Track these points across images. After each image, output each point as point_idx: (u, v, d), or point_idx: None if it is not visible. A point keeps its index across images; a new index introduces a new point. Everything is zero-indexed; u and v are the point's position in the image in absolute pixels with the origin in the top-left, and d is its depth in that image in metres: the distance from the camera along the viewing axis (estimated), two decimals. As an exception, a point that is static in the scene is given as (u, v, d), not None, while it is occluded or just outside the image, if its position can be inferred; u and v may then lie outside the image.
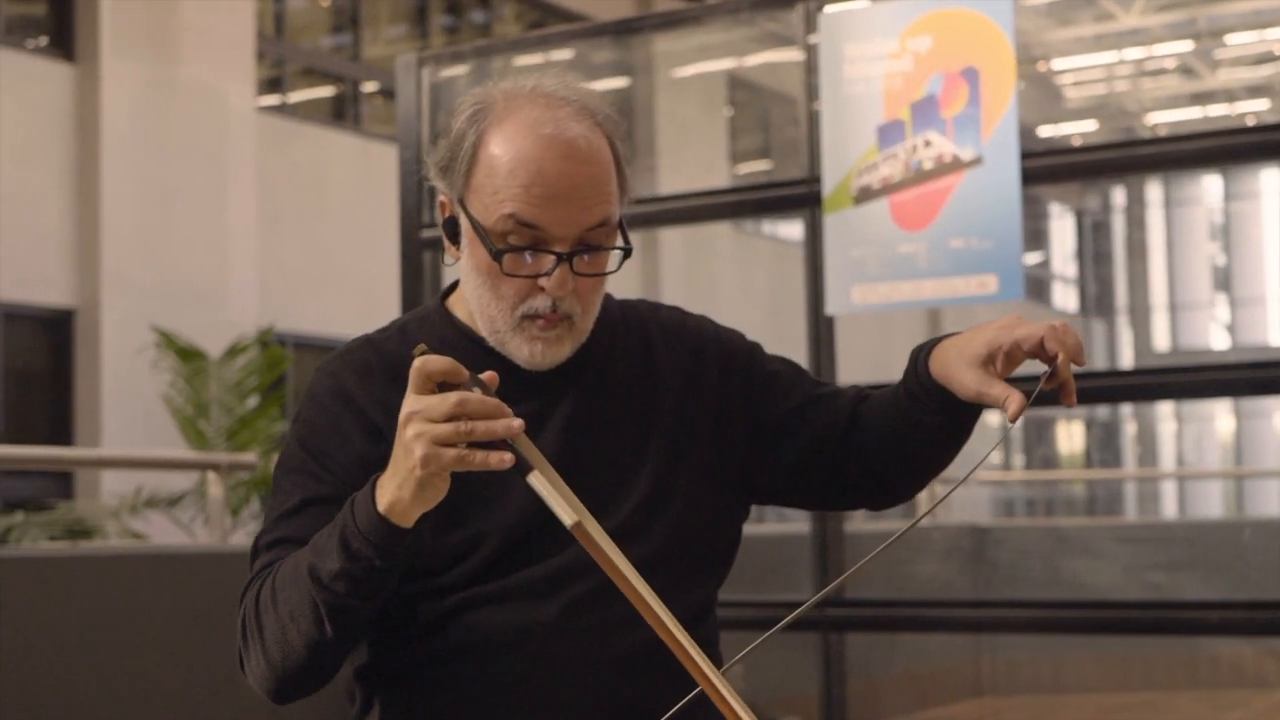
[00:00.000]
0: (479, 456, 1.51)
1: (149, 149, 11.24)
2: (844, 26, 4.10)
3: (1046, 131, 19.91)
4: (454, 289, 1.88)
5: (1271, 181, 22.34)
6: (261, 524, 1.80)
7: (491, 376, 1.57)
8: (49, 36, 11.32)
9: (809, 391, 1.91)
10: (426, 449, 1.51)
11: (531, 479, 1.51)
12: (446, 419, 1.51)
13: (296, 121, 13.17)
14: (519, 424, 1.52)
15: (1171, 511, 20.08)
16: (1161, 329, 23.77)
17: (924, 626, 4.84)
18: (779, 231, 17.62)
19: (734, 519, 1.90)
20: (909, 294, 4.01)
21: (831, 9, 4.12)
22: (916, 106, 3.99)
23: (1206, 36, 18.04)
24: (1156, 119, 19.94)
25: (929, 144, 3.96)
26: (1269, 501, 17.14)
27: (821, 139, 4.10)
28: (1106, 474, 21.14)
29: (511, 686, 1.73)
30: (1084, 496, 18.95)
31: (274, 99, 13.20)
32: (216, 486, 4.97)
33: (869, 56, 4.04)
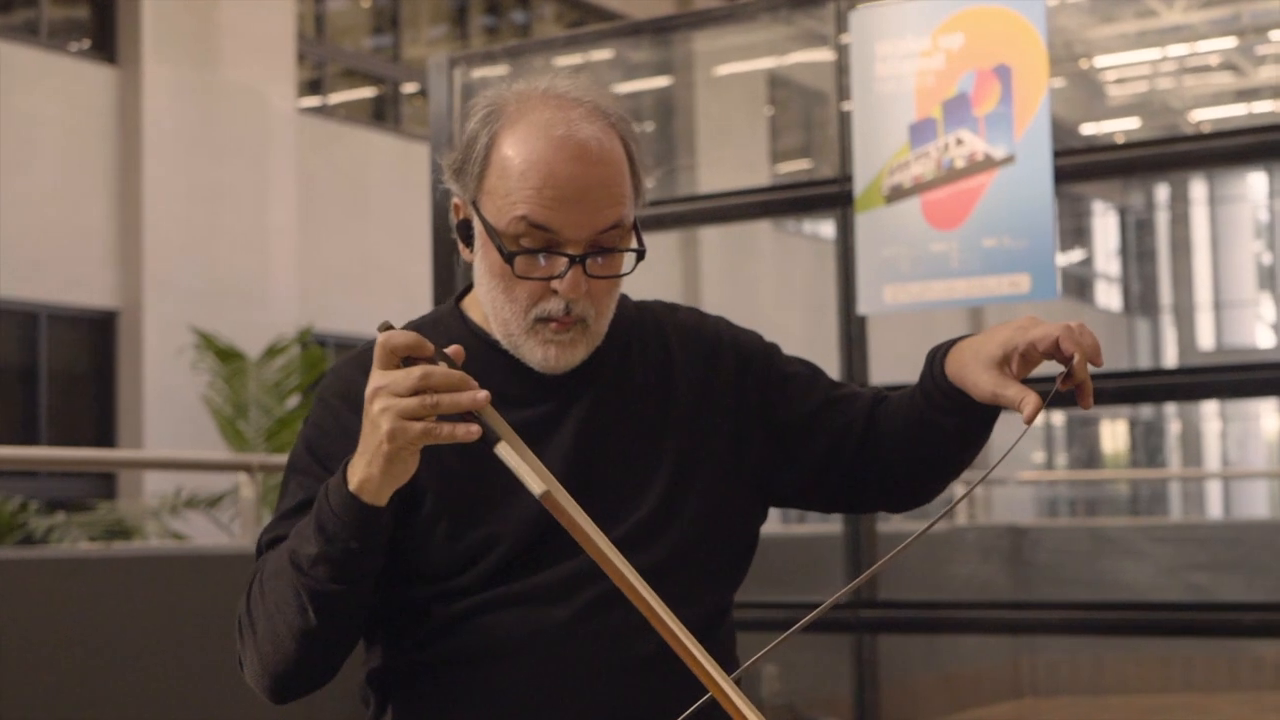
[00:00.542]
0: (445, 429, 1.52)
1: (190, 151, 11.31)
2: (875, 24, 4.07)
3: (1089, 129, 19.79)
4: (469, 291, 1.87)
5: (1318, 178, 22.16)
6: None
7: (457, 350, 1.57)
8: (91, 40, 11.40)
9: (826, 393, 1.89)
10: (393, 423, 1.52)
11: (499, 450, 1.52)
12: (412, 393, 1.52)
13: (337, 123, 13.22)
14: (484, 395, 1.52)
15: (1216, 512, 19.94)
16: (1206, 327, 23.60)
17: (959, 628, 4.81)
18: (820, 230, 17.57)
19: (751, 522, 1.89)
20: (941, 293, 3.99)
21: (863, 7, 4.10)
22: (948, 105, 3.96)
23: (1250, 33, 17.89)
24: (1200, 116, 19.79)
25: (961, 142, 3.93)
26: (1315, 501, 17.00)
27: (853, 138, 4.08)
28: (1146, 474, 21.00)
29: (525, 690, 1.72)
30: (1127, 496, 18.83)
31: (314, 100, 13.26)
32: (249, 488, 5.00)
33: (900, 54, 4.01)
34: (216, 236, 11.45)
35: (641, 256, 1.77)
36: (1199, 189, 23.37)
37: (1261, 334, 23.95)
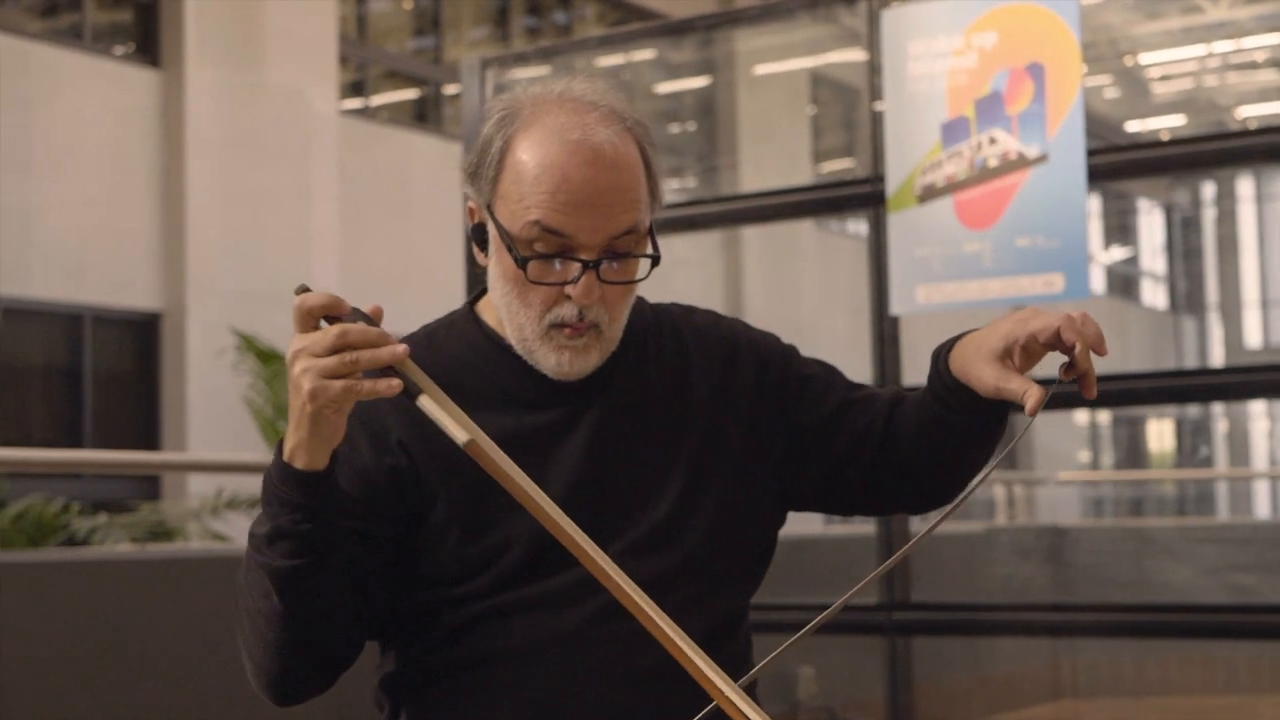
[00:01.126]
0: (366, 385, 1.52)
1: (233, 153, 11.37)
2: (908, 23, 4.06)
3: (1133, 127, 19.66)
4: (483, 294, 1.86)
5: (1366, 175, 21.95)
6: None
7: (376, 309, 1.58)
8: (135, 43, 11.47)
9: (844, 395, 1.88)
10: (314, 383, 1.52)
11: (421, 401, 1.54)
12: (331, 351, 1.52)
13: (379, 124, 13.25)
14: (403, 349, 1.53)
15: (1264, 512, 19.76)
16: (1253, 326, 23.39)
17: (996, 630, 4.78)
18: (863, 230, 17.52)
19: (768, 526, 1.87)
20: (974, 293, 3.96)
21: (896, 6, 4.08)
22: (981, 103, 3.94)
23: (1297, 29, 17.73)
24: (1246, 112, 19.62)
25: (994, 141, 3.91)
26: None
27: (885, 137, 4.06)
28: (1192, 473, 20.86)
29: (536, 695, 1.71)
30: (1174, 496, 18.69)
31: (356, 102, 13.30)
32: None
33: (933, 53, 4.00)
34: (259, 238, 11.50)
35: (656, 262, 1.75)
36: (1246, 186, 23.16)
37: (1310, 332, 23.73)
